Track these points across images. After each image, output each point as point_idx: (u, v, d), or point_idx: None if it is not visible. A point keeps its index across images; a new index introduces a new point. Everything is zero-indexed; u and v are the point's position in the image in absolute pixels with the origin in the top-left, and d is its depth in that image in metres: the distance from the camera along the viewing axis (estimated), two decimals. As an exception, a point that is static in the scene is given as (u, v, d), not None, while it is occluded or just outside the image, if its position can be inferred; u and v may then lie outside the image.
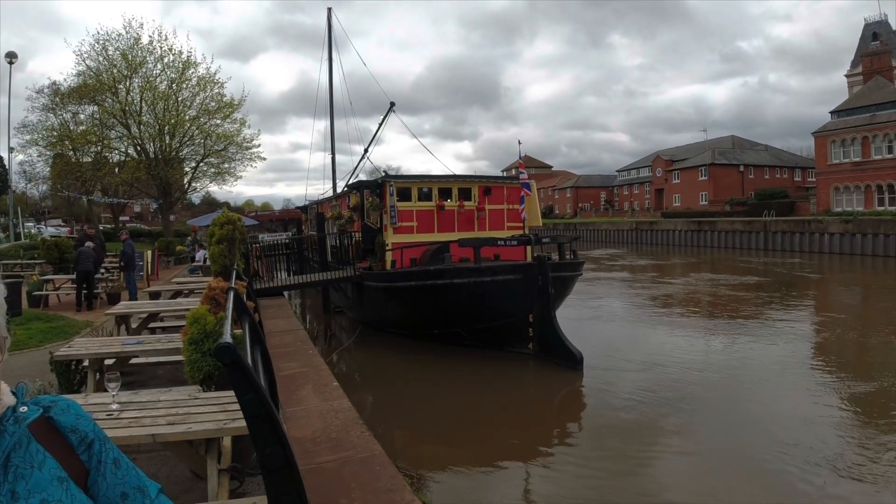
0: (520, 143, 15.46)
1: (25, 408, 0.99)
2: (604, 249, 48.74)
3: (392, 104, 23.41)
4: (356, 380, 11.94)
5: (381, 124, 23.75)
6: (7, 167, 45.71)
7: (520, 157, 15.28)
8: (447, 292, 12.04)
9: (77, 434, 1.03)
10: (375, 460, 4.97)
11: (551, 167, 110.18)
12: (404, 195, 14.90)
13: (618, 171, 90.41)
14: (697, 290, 23.07)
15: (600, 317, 17.59)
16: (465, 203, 15.45)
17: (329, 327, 17.39)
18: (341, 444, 5.38)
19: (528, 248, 13.69)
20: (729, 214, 51.25)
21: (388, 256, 14.27)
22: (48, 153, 39.79)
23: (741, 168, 64.05)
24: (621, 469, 7.26)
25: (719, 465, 7.18)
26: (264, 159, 46.98)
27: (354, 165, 32.02)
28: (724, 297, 20.85)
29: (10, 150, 33.47)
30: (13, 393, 1.00)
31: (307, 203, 29.76)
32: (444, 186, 15.48)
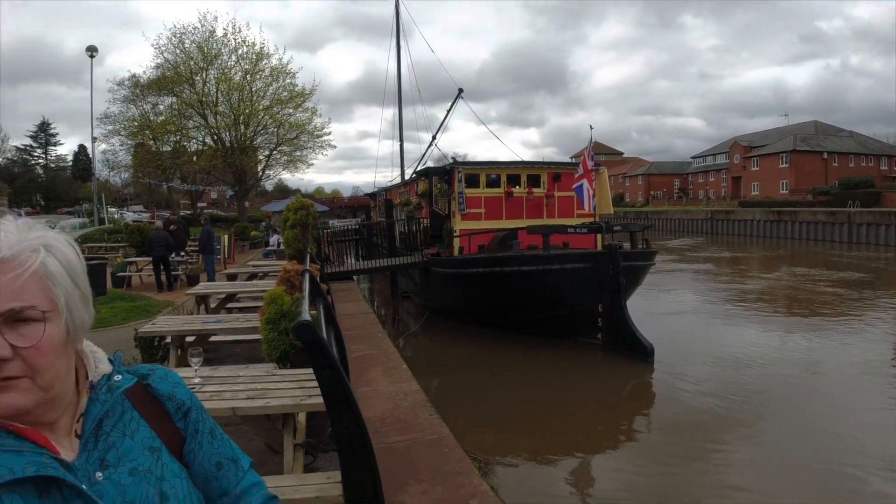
0: (591, 128, 15.10)
1: (120, 376, 1.00)
2: (677, 239, 47.15)
3: (460, 91, 23.36)
4: (422, 364, 12.04)
5: (449, 111, 23.78)
6: (91, 156, 48.77)
7: (590, 143, 14.91)
8: (515, 280, 11.94)
9: (174, 402, 1.04)
10: (443, 443, 5.01)
11: (622, 154, 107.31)
12: (472, 182, 14.84)
13: (692, 157, 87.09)
14: (778, 284, 21.99)
15: (671, 309, 17.03)
16: (534, 190, 15.24)
17: (396, 312, 17.62)
18: (410, 425, 5.45)
19: (599, 236, 13.39)
20: (811, 204, 48.46)
21: (456, 243, 14.27)
22: (129, 142, 42.19)
23: (825, 155, 60.34)
24: (686, 468, 7.03)
25: (786, 472, 6.79)
26: (334, 147, 48.16)
27: (422, 153, 32.20)
28: (807, 292, 19.77)
29: (94, 139, 35.47)
30: (110, 361, 1.01)
31: (375, 190, 30.19)
32: (513, 173, 15.32)
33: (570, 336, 12.18)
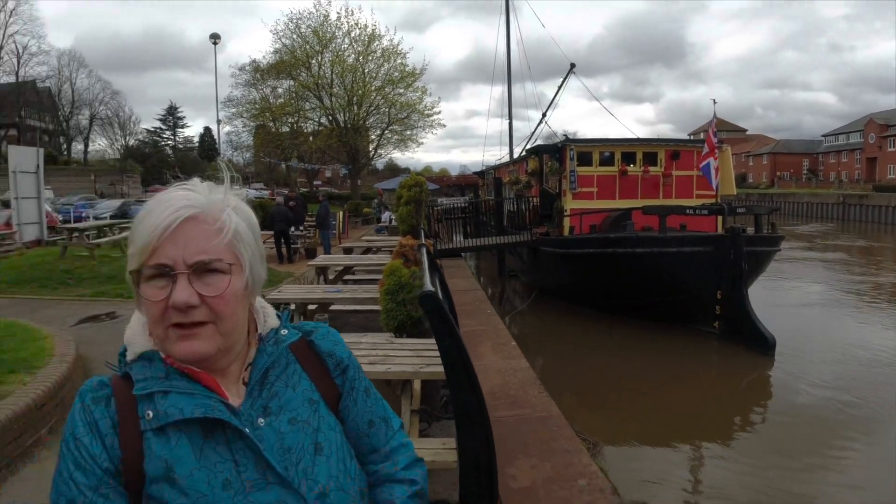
0: (714, 102, 14.26)
1: (286, 331, 1.06)
2: (805, 225, 43.64)
3: (572, 66, 22.81)
4: (529, 343, 12.01)
5: (560, 86, 23.31)
6: (216, 137, 52.53)
7: (713, 119, 14.06)
8: (628, 262, 11.58)
9: (334, 358, 1.10)
10: (553, 421, 5.01)
11: (745, 131, 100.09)
12: (585, 159, 14.49)
13: (823, 136, 79.82)
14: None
15: (797, 300, 15.82)
16: (651, 168, 14.64)
17: (503, 290, 17.68)
18: (519, 401, 5.49)
19: (720, 218, 12.68)
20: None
21: (566, 222, 14.04)
22: (251, 124, 44.86)
23: (973, 136, 53.19)
24: (800, 470, 6.59)
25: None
26: (444, 126, 48.62)
27: (531, 131, 31.80)
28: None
29: (219, 122, 38.14)
30: (278, 317, 1.09)
31: (484, 168, 30.24)
32: (628, 150, 14.79)
33: (684, 323, 11.66)
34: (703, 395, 9.07)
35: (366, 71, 39.09)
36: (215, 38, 31.05)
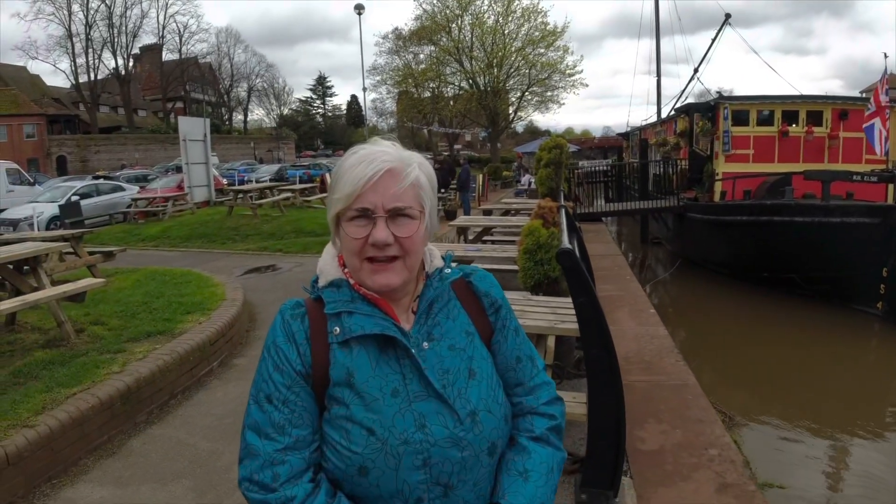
0: (886, 56, 12.58)
1: (449, 269, 1.21)
2: None
3: (727, 16, 21.16)
4: (670, 312, 11.61)
5: (715, 39, 21.73)
6: (362, 105, 54.95)
7: (884, 75, 12.32)
8: (786, 232, 10.69)
9: (489, 298, 1.23)
10: (687, 389, 4.92)
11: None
12: (740, 119, 13.46)
13: None
14: None
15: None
16: (815, 129, 13.32)
17: (645, 258, 17.09)
18: (653, 367, 5.43)
19: (891, 186, 11.31)
20: None
21: (718, 187, 13.21)
22: (395, 91, 46.26)
23: None
24: None
25: None
26: (587, 86, 46.82)
27: (681, 89, 29.82)
28: None
29: (364, 89, 39.72)
30: (442, 258, 1.24)
31: (628, 130, 29.00)
32: (790, 109, 13.52)
33: (843, 301, 10.57)
34: (857, 381, 8.27)
35: (506, 32, 38.65)
36: (359, 8, 32.18)
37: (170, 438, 4.07)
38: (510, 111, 44.56)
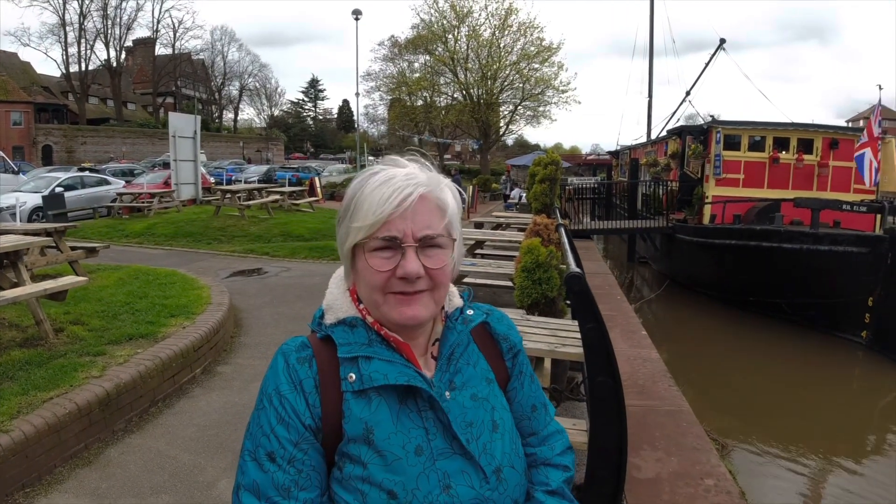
0: (881, 88, 12.80)
1: (472, 311, 1.10)
2: None
3: (722, 41, 21.47)
4: (657, 334, 11.54)
5: (708, 63, 22.04)
6: (353, 110, 54.95)
7: (877, 105, 12.51)
8: (773, 257, 10.76)
9: (508, 342, 1.13)
10: (682, 416, 4.85)
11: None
12: (732, 143, 13.57)
13: None
14: None
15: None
16: (805, 156, 13.45)
17: (632, 277, 17.12)
18: (647, 392, 5.35)
19: (879, 217, 11.43)
20: None
21: (707, 210, 13.28)
22: (387, 98, 46.30)
23: None
24: None
25: None
26: (579, 102, 47.16)
27: (671, 110, 30.09)
28: None
29: (357, 95, 39.59)
30: (461, 297, 1.13)
31: (618, 148, 29.21)
32: (781, 135, 13.64)
33: (828, 329, 10.67)
34: (839, 408, 8.35)
35: (501, 45, 38.92)
36: (357, 13, 32.17)
37: (149, 449, 3.91)
38: (502, 124, 44.73)
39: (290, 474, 0.93)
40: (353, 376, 0.96)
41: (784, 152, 13.58)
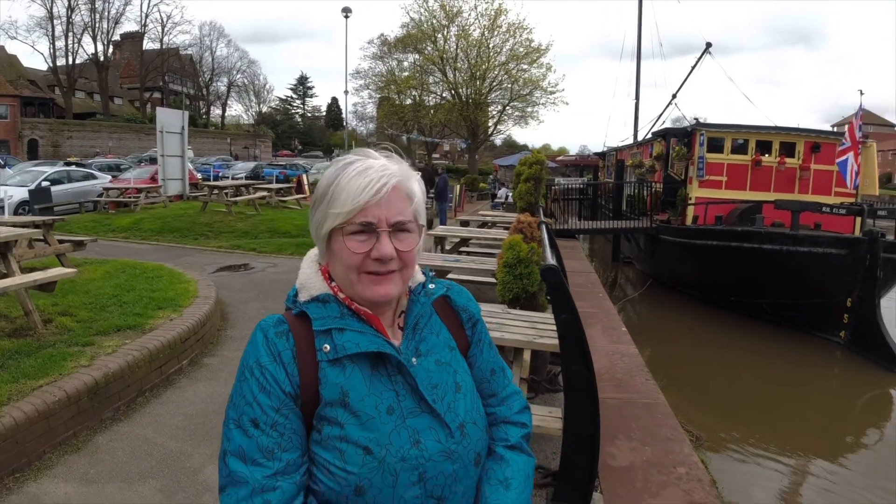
0: (861, 93, 13.04)
1: (433, 285, 1.23)
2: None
3: (708, 45, 21.71)
4: (638, 332, 11.73)
5: (694, 66, 22.28)
6: (342, 108, 54.93)
7: (859, 110, 12.77)
8: (754, 258, 10.94)
9: (467, 313, 1.26)
10: (658, 409, 5.00)
11: (894, 126, 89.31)
12: (715, 146, 13.78)
13: None
14: None
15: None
16: (787, 160, 13.68)
17: (616, 276, 17.31)
18: (625, 385, 5.50)
19: (859, 219, 11.68)
20: None
21: (690, 211, 13.48)
22: (376, 96, 46.35)
23: None
24: None
25: None
26: (567, 104, 47.57)
27: (657, 112, 30.47)
28: None
29: (346, 92, 39.53)
30: (423, 273, 1.24)
31: (605, 150, 29.45)
32: (764, 139, 13.87)
33: (806, 328, 10.90)
34: (817, 406, 8.53)
35: (490, 46, 39.13)
36: (347, 11, 32.16)
37: (137, 437, 3.99)
38: (490, 124, 44.92)
39: (273, 437, 1.01)
40: (328, 347, 1.07)
41: (766, 155, 13.80)
